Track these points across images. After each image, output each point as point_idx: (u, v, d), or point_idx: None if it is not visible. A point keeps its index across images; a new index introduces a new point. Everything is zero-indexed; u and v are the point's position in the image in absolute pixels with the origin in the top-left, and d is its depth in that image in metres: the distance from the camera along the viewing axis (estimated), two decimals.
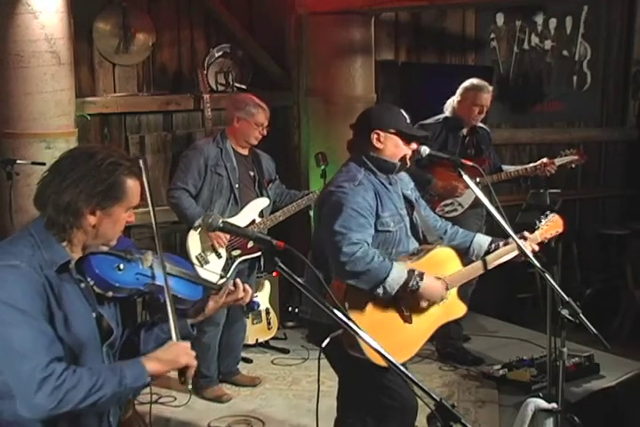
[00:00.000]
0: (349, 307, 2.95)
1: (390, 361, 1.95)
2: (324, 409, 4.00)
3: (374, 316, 3.00)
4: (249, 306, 2.35)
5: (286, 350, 5.41)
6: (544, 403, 3.37)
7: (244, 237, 2.55)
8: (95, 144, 1.94)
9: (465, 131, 5.02)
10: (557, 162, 5.01)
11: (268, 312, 5.42)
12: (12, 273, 1.95)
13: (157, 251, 2.13)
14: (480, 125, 5.10)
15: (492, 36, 6.77)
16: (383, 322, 3.02)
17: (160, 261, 2.13)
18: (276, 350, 5.44)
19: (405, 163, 3.17)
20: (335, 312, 2.00)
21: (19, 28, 4.60)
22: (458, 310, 3.27)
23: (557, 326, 2.89)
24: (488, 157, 5.06)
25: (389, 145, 3.12)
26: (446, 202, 4.90)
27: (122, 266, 2.09)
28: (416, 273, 2.98)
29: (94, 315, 2.11)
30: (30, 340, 1.92)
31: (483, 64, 6.74)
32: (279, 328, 5.60)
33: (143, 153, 5.70)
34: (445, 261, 3.18)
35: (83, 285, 2.07)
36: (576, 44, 7.05)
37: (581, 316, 2.77)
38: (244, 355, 5.12)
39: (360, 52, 5.69)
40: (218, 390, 4.70)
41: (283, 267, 2.06)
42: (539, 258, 3.08)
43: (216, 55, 5.91)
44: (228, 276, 4.49)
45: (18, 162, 4.39)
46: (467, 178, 3.18)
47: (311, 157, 5.45)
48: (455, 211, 4.87)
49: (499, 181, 4.95)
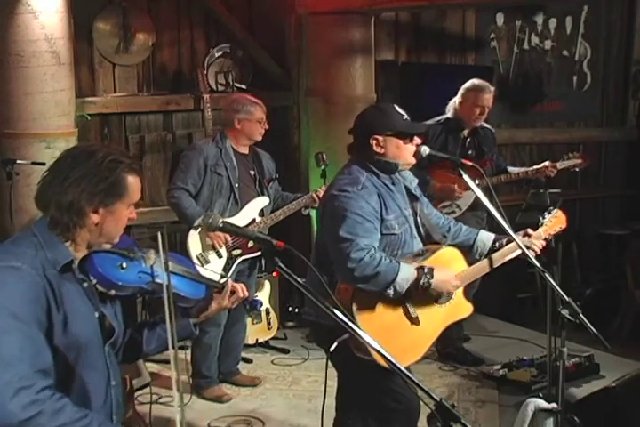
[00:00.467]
0: (357, 309, 2.94)
1: (391, 361, 1.95)
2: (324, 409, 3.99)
3: (382, 318, 2.99)
4: (252, 305, 2.35)
5: (286, 350, 5.41)
6: (544, 403, 3.37)
7: (243, 236, 2.54)
8: (94, 143, 1.94)
9: (466, 132, 5.01)
10: (559, 166, 5.02)
11: (267, 312, 5.42)
12: (13, 275, 1.94)
13: (160, 249, 2.12)
14: (484, 126, 5.09)
15: (492, 36, 6.77)
16: (391, 324, 3.02)
17: (162, 259, 2.12)
18: (276, 350, 5.44)
19: (417, 159, 3.15)
20: (336, 313, 2.00)
21: (19, 28, 4.60)
22: (464, 310, 3.27)
23: (557, 326, 2.89)
24: (490, 158, 5.05)
25: (390, 147, 3.09)
26: (444, 204, 4.90)
27: (124, 264, 2.09)
28: (426, 270, 2.97)
29: (97, 314, 2.10)
30: (17, 347, 1.88)
31: (483, 64, 6.74)
32: (279, 328, 5.60)
33: (143, 153, 5.70)
34: (451, 261, 3.18)
35: (85, 284, 2.07)
36: (576, 44, 7.05)
37: (581, 316, 2.77)
38: (243, 355, 5.12)
39: (360, 52, 5.69)
40: (218, 391, 4.70)
41: (283, 267, 2.06)
42: (539, 258, 3.08)
43: (216, 55, 5.92)
44: (228, 275, 4.49)
45: (18, 162, 4.39)
46: (467, 178, 3.17)
47: (311, 157, 5.45)
48: (453, 213, 4.86)
49: (499, 183, 4.95)
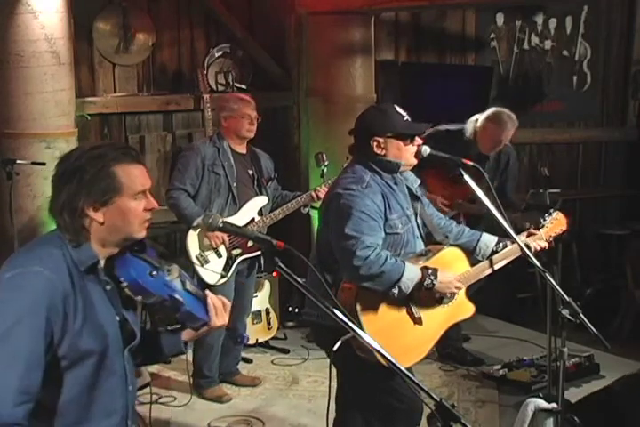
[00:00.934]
0: (361, 309, 2.94)
1: (390, 361, 1.96)
2: (323, 409, 3.99)
3: (386, 318, 3.00)
4: (239, 339, 2.28)
5: (286, 350, 5.41)
6: (544, 403, 3.37)
7: (243, 236, 2.54)
8: (79, 145, 1.89)
9: (474, 156, 4.96)
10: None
11: (267, 312, 5.42)
12: (31, 282, 1.88)
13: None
14: (506, 149, 4.96)
15: (492, 36, 6.77)
16: (394, 324, 3.02)
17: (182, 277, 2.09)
18: (276, 350, 5.44)
19: (418, 159, 3.15)
20: (336, 313, 2.00)
21: (19, 28, 4.61)
22: (466, 310, 3.27)
23: (558, 326, 2.89)
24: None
25: (391, 149, 3.09)
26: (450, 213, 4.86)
27: (154, 273, 2.04)
28: (430, 272, 2.98)
29: (118, 318, 2.05)
30: (5, 364, 1.82)
31: (483, 64, 6.74)
32: (279, 328, 5.60)
33: (143, 153, 5.70)
34: (453, 262, 3.18)
35: (108, 287, 2.01)
36: (576, 44, 7.05)
37: (581, 316, 2.77)
38: (243, 355, 5.12)
39: (360, 52, 5.69)
40: (218, 391, 4.69)
41: (283, 267, 2.05)
42: (539, 258, 3.08)
43: (216, 55, 5.92)
44: (228, 275, 4.49)
45: (18, 162, 4.39)
46: (467, 178, 3.17)
47: (311, 157, 5.44)
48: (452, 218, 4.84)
49: None
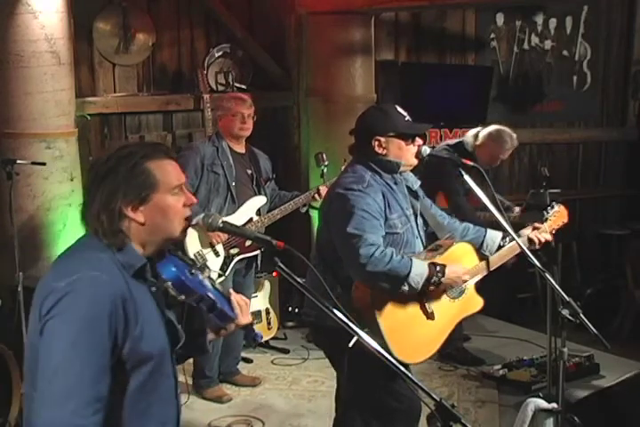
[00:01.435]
0: (376, 306, 2.95)
1: (390, 361, 1.95)
2: (323, 409, 4.00)
3: (400, 314, 3.01)
4: (253, 336, 2.26)
5: (286, 350, 5.41)
6: (544, 403, 3.37)
7: (243, 237, 2.53)
8: (107, 148, 1.83)
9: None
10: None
11: (268, 312, 5.42)
12: (91, 285, 1.83)
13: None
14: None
15: (492, 36, 6.77)
16: (409, 321, 3.04)
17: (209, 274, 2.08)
18: (276, 350, 5.44)
19: (418, 159, 3.16)
20: (336, 313, 2.00)
21: (19, 28, 4.60)
22: (475, 304, 3.29)
23: (558, 326, 2.89)
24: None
25: (392, 149, 3.09)
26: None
27: (193, 271, 2.03)
28: (438, 268, 2.99)
29: (164, 320, 2.01)
30: (74, 380, 1.78)
31: (483, 64, 6.74)
32: (279, 328, 5.60)
33: None
34: (463, 257, 3.20)
35: (154, 288, 1.97)
36: (576, 44, 7.05)
37: (582, 316, 2.77)
38: (243, 355, 5.12)
39: (360, 52, 5.69)
40: (218, 391, 4.69)
41: (283, 267, 2.05)
42: (539, 258, 3.08)
43: (216, 55, 5.92)
44: (226, 274, 4.49)
45: (18, 162, 4.38)
46: (468, 178, 3.18)
47: (311, 157, 5.44)
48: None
49: None
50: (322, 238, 3.23)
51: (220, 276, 4.46)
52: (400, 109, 3.15)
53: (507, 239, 3.32)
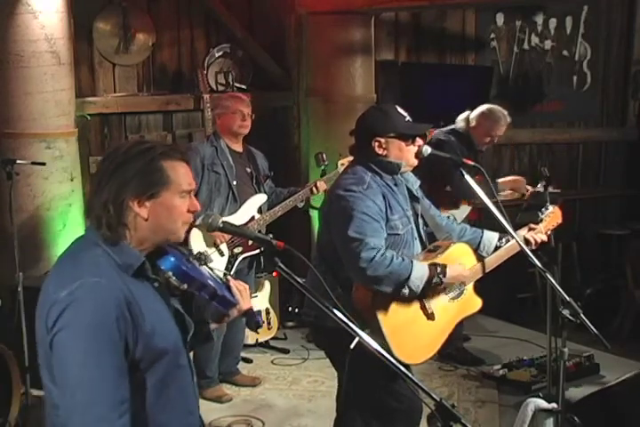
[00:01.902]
0: (377, 307, 2.95)
1: (390, 361, 1.95)
2: (323, 409, 4.00)
3: (401, 314, 3.01)
4: (254, 318, 2.26)
5: (286, 350, 5.41)
6: (544, 403, 3.37)
7: (243, 237, 2.54)
8: (123, 142, 1.79)
9: (471, 152, 5.01)
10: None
11: (268, 312, 5.42)
12: (93, 293, 1.82)
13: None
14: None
15: (492, 36, 6.77)
16: (410, 322, 3.04)
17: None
18: (275, 350, 5.44)
19: (419, 159, 3.16)
20: (336, 313, 2.00)
21: (19, 28, 4.60)
22: (474, 304, 3.30)
23: (558, 326, 2.89)
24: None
25: (393, 149, 3.08)
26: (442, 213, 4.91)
27: (191, 259, 2.04)
28: (439, 270, 2.99)
29: (171, 312, 2.01)
30: (95, 387, 1.79)
31: (483, 64, 6.74)
32: (279, 328, 5.60)
33: None
34: (461, 257, 3.20)
35: (156, 284, 1.97)
36: (576, 44, 7.05)
37: (582, 316, 2.77)
38: (243, 355, 5.13)
39: (360, 52, 5.69)
40: (218, 391, 4.69)
41: (283, 267, 2.05)
42: (539, 258, 3.08)
43: (216, 55, 5.92)
44: (231, 274, 4.49)
45: (18, 162, 4.38)
46: (468, 178, 3.17)
47: (311, 157, 5.45)
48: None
49: None
50: (322, 239, 3.23)
51: (226, 275, 4.45)
52: (400, 110, 3.14)
53: (503, 240, 3.32)
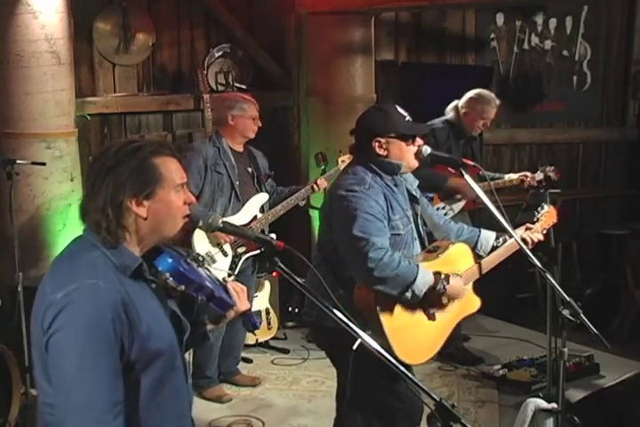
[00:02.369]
0: (380, 308, 2.95)
1: (390, 362, 1.96)
2: (323, 409, 3.99)
3: (403, 315, 3.01)
4: (252, 322, 2.26)
5: (286, 350, 5.41)
6: (544, 403, 3.37)
7: (243, 237, 2.54)
8: (110, 143, 1.78)
9: (464, 139, 5.05)
10: (537, 177, 5.08)
11: (268, 312, 5.42)
12: (89, 296, 1.81)
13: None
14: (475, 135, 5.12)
15: (492, 36, 6.77)
16: (412, 323, 3.04)
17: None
18: (275, 350, 5.44)
19: (419, 159, 3.16)
20: (336, 313, 2.00)
21: (19, 28, 4.60)
22: (473, 304, 3.30)
23: (558, 326, 2.89)
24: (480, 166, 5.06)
25: (393, 149, 3.07)
26: (438, 205, 4.94)
27: (188, 261, 2.04)
28: (442, 277, 2.99)
29: (168, 314, 2.02)
30: (91, 389, 1.79)
31: (483, 64, 6.74)
32: (279, 328, 5.60)
33: None
34: (460, 258, 3.20)
35: (154, 285, 1.97)
36: (576, 44, 7.05)
37: (582, 316, 2.77)
38: (243, 355, 5.12)
39: (360, 52, 5.69)
40: (218, 391, 4.70)
41: (283, 267, 2.05)
42: (539, 258, 3.08)
43: (216, 55, 5.92)
44: (235, 274, 4.50)
45: (18, 162, 4.38)
46: (467, 177, 3.18)
47: (311, 157, 5.45)
48: (446, 215, 4.88)
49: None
50: (323, 239, 3.22)
51: (230, 276, 4.47)
52: (400, 110, 3.13)
53: (500, 240, 3.33)
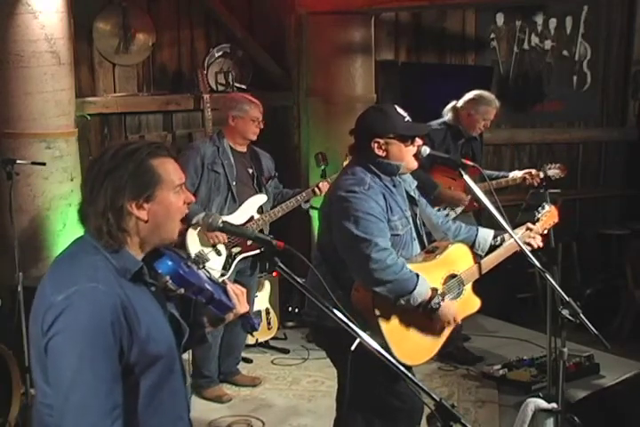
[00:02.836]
0: (378, 308, 2.95)
1: (390, 361, 1.96)
2: (323, 409, 4.00)
3: (402, 318, 3.01)
4: (251, 324, 2.25)
5: (286, 350, 5.41)
6: (544, 403, 3.37)
7: (243, 237, 2.54)
8: (107, 146, 1.77)
9: (463, 140, 5.04)
10: (542, 174, 5.09)
11: (268, 312, 5.42)
12: (88, 300, 1.81)
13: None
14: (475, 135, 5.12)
15: (492, 36, 6.77)
16: (412, 323, 3.04)
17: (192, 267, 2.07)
18: (275, 350, 5.44)
19: (418, 159, 3.15)
20: (336, 313, 2.00)
21: (19, 28, 4.60)
22: (473, 304, 3.29)
23: (558, 326, 2.89)
24: (480, 166, 5.06)
25: (393, 150, 3.07)
26: (439, 207, 4.93)
27: (188, 263, 2.04)
28: (439, 292, 2.99)
29: (167, 317, 2.02)
30: (89, 393, 1.79)
31: (483, 64, 6.74)
32: (279, 328, 5.60)
33: None
34: (460, 258, 3.20)
35: (153, 288, 1.96)
36: (576, 44, 7.05)
37: (581, 316, 2.77)
38: (243, 355, 5.12)
39: (360, 52, 5.69)
40: (218, 391, 4.70)
41: (283, 267, 2.05)
42: (539, 257, 3.08)
43: (216, 55, 5.92)
44: (228, 273, 4.50)
45: (18, 162, 4.38)
46: (467, 178, 3.18)
47: (311, 157, 5.45)
48: (447, 215, 4.88)
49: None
50: (323, 240, 3.22)
51: (223, 275, 4.47)
52: (400, 110, 3.13)
53: (498, 238, 3.33)
